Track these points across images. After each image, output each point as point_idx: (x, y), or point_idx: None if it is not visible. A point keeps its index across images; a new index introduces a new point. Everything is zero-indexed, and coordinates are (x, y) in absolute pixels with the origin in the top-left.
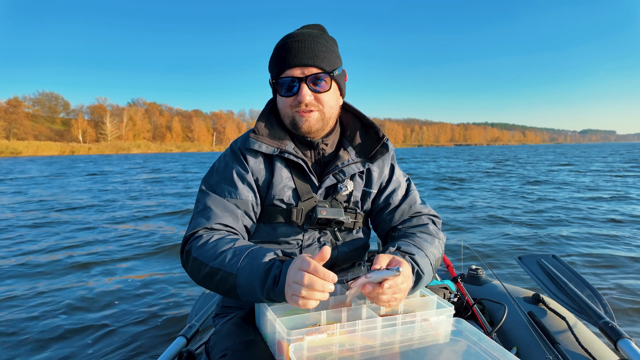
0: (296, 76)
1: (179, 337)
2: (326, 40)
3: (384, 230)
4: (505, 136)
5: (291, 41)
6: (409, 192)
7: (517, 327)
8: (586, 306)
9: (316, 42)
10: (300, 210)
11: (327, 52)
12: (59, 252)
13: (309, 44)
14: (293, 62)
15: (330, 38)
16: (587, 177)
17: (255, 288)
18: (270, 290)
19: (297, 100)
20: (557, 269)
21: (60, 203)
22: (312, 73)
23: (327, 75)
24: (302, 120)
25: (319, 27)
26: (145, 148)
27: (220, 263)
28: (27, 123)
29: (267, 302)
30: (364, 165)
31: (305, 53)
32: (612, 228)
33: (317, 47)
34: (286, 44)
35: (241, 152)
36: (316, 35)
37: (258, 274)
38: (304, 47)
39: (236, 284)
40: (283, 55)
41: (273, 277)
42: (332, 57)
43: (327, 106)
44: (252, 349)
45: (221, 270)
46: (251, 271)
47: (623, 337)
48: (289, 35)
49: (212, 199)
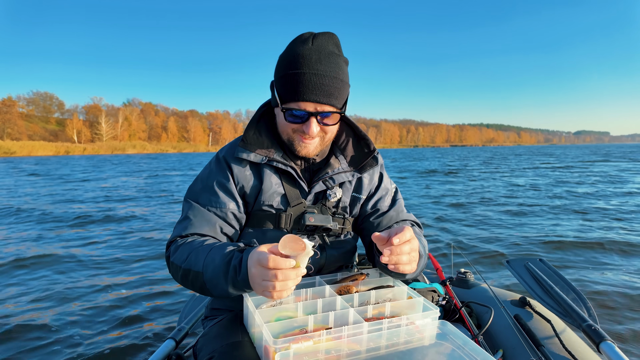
0: (307, 110)
1: (168, 340)
2: (342, 71)
3: (370, 234)
4: (501, 137)
5: (310, 74)
6: (396, 200)
7: (503, 330)
8: (571, 309)
9: (334, 77)
10: (289, 215)
11: (342, 87)
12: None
13: (327, 80)
14: (308, 97)
15: (344, 62)
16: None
17: (220, 281)
18: (234, 280)
19: (302, 129)
20: (544, 272)
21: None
22: (325, 111)
23: (338, 113)
24: (301, 145)
25: (334, 42)
26: (141, 148)
27: (190, 263)
28: (21, 123)
29: (235, 292)
30: (353, 175)
31: (322, 91)
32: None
33: (334, 83)
34: (304, 75)
35: (225, 161)
36: (334, 67)
37: (219, 267)
38: (322, 84)
39: (204, 280)
40: (298, 87)
41: (233, 267)
42: (345, 91)
43: (329, 134)
44: (239, 351)
45: (191, 270)
46: (214, 266)
47: (605, 339)
48: (308, 61)
49: (192, 208)
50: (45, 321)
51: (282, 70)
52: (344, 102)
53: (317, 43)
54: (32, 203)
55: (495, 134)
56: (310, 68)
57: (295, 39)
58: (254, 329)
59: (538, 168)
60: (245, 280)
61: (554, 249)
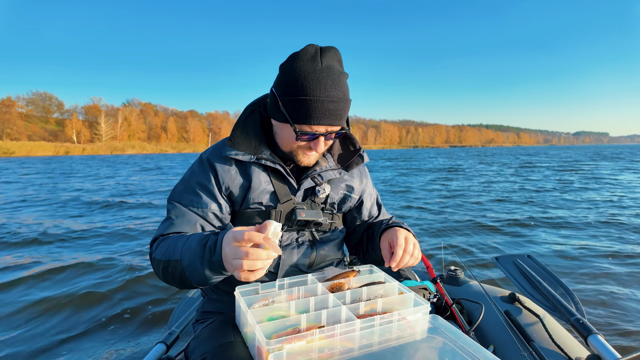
0: (319, 132)
1: (158, 344)
2: (348, 90)
3: (359, 237)
4: (500, 138)
5: (324, 102)
6: (380, 204)
7: (494, 326)
8: (559, 304)
9: (345, 100)
10: (279, 212)
11: (349, 107)
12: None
13: (340, 105)
14: (323, 122)
15: (346, 77)
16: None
17: (197, 266)
18: (210, 262)
19: (308, 145)
20: (532, 268)
21: None
22: (334, 131)
23: (343, 132)
24: (304, 157)
25: (338, 58)
26: (140, 149)
27: (169, 254)
28: (20, 123)
29: (213, 276)
30: (340, 173)
31: (335, 115)
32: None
33: (345, 106)
34: (321, 103)
35: (208, 162)
36: (344, 90)
37: (196, 251)
38: (335, 109)
39: (183, 268)
40: (313, 113)
41: (209, 248)
42: (349, 109)
43: (328, 146)
44: (231, 351)
45: (170, 260)
46: (190, 251)
47: (593, 332)
48: (322, 86)
49: (174, 209)
50: (29, 321)
51: (294, 93)
52: (346, 119)
53: (325, 63)
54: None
55: (495, 134)
56: (326, 95)
57: (300, 54)
58: (246, 329)
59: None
60: (220, 260)
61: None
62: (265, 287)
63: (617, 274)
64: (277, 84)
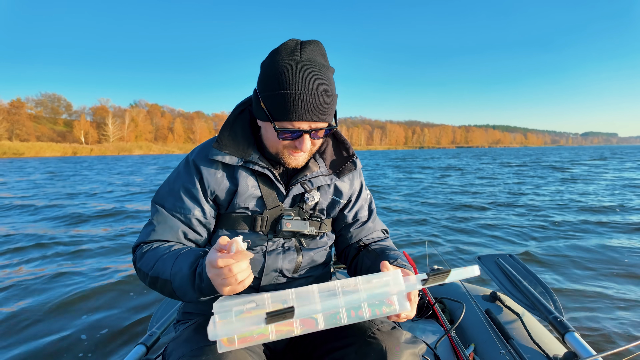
0: (302, 129)
1: (138, 346)
2: (332, 84)
3: (347, 241)
4: (507, 138)
5: (305, 95)
6: (372, 210)
7: (475, 324)
8: (538, 302)
9: (328, 94)
10: (265, 218)
11: (334, 101)
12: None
13: (322, 99)
14: (304, 118)
15: (331, 72)
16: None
17: (188, 290)
18: (200, 287)
19: (294, 145)
20: (513, 267)
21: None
22: (318, 128)
23: (330, 129)
24: (291, 158)
25: (321, 51)
26: (147, 149)
27: (157, 271)
28: (29, 124)
29: (206, 297)
30: (332, 179)
31: (317, 110)
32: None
33: (328, 100)
34: (299, 96)
35: (195, 164)
36: (326, 83)
37: (186, 276)
38: (317, 103)
39: (173, 288)
40: (293, 107)
41: (199, 274)
42: (335, 103)
43: (316, 146)
44: (208, 355)
45: (159, 277)
46: (181, 275)
47: (570, 330)
48: (301, 79)
49: (157, 214)
50: (5, 319)
51: (272, 88)
52: (333, 115)
53: (305, 56)
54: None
55: (502, 135)
56: (305, 88)
57: (280, 49)
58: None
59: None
60: (210, 285)
61: (523, 245)
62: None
63: (595, 271)
64: (258, 81)
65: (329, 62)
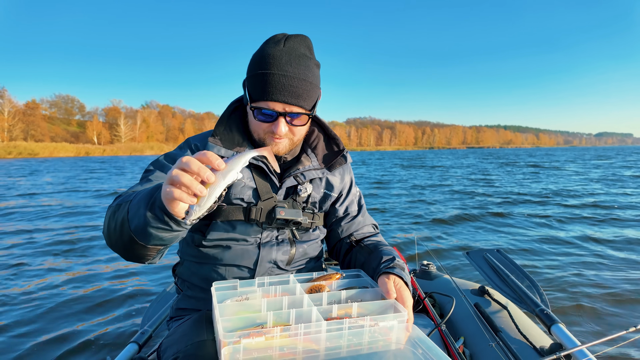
0: (276, 110)
1: (130, 344)
2: (312, 73)
3: (338, 236)
4: (519, 139)
5: (279, 75)
6: (361, 205)
7: (464, 318)
8: (525, 296)
9: (303, 79)
10: (259, 209)
11: (311, 89)
12: None
13: (296, 82)
14: (277, 98)
15: (315, 64)
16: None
17: (142, 204)
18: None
19: (271, 129)
20: (501, 262)
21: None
22: (293, 111)
23: (306, 115)
24: (272, 144)
25: (306, 44)
26: (159, 150)
27: (123, 198)
28: (44, 125)
29: (153, 221)
30: (323, 173)
31: (290, 92)
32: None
33: (303, 85)
34: (273, 76)
35: (197, 148)
36: (303, 69)
37: (149, 190)
38: (290, 85)
39: (129, 208)
40: (267, 87)
41: (159, 187)
42: (314, 94)
43: (298, 135)
44: (204, 350)
45: (122, 203)
46: (144, 192)
47: (555, 322)
48: (278, 61)
49: (152, 173)
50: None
51: (253, 70)
52: (313, 104)
53: (288, 45)
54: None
55: (513, 135)
56: (280, 69)
57: (269, 39)
58: (216, 324)
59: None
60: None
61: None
62: (244, 285)
63: (581, 264)
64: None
65: (314, 56)
